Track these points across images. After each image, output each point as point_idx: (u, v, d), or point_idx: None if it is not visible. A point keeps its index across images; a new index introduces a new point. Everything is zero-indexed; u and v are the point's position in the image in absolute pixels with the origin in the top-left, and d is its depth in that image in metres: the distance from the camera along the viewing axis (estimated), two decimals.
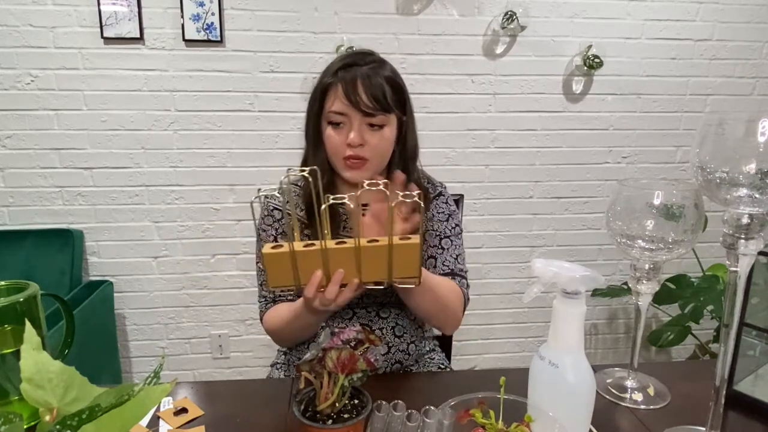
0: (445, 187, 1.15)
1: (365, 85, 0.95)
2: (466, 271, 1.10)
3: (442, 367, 1.17)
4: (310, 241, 0.79)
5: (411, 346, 1.08)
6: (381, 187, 0.75)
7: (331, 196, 0.76)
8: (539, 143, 2.21)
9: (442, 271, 1.07)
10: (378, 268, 0.80)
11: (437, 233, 1.09)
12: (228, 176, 2.09)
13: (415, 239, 0.79)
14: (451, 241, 1.09)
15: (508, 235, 2.30)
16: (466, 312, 1.10)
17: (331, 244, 0.77)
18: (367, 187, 0.76)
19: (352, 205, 0.74)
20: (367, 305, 1.06)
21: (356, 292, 0.83)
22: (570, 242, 2.33)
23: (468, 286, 1.09)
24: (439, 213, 1.10)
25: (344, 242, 0.78)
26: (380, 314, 1.06)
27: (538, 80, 2.15)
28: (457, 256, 1.09)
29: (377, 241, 0.78)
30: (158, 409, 0.82)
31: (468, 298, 1.07)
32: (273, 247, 0.78)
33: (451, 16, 2.06)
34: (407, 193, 0.76)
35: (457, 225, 1.12)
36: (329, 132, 0.98)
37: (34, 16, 1.88)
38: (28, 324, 0.47)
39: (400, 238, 0.79)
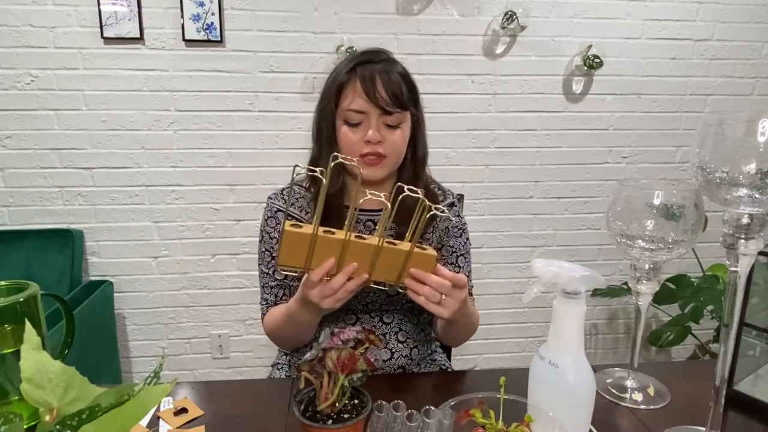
0: (455, 196, 1.15)
1: (384, 81, 0.95)
2: (471, 289, 1.11)
3: (444, 368, 1.17)
4: (329, 229, 0.78)
5: (414, 350, 1.08)
6: (419, 194, 0.77)
7: (368, 191, 0.78)
8: (539, 143, 2.21)
9: None
10: (390, 270, 0.81)
11: (453, 250, 1.09)
12: (228, 176, 2.09)
13: (432, 252, 0.81)
14: (465, 258, 1.10)
15: (508, 235, 2.30)
16: None
17: (351, 236, 0.77)
18: (407, 192, 0.77)
19: (387, 203, 0.76)
20: (371, 311, 1.05)
21: (359, 287, 0.82)
22: (570, 242, 2.33)
23: (472, 297, 1.10)
24: (453, 227, 1.10)
25: (364, 238, 0.79)
26: (384, 320, 1.06)
27: (538, 80, 2.15)
28: (469, 273, 1.10)
29: (395, 244, 0.79)
30: (158, 409, 0.82)
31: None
32: (293, 225, 0.77)
33: (451, 16, 2.06)
34: (411, 188, 0.78)
35: (467, 239, 1.12)
36: (345, 130, 0.97)
37: (34, 16, 1.88)
38: (28, 324, 0.47)
39: (418, 247, 0.80)
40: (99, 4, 1.88)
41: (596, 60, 2.08)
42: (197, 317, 2.21)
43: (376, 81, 0.94)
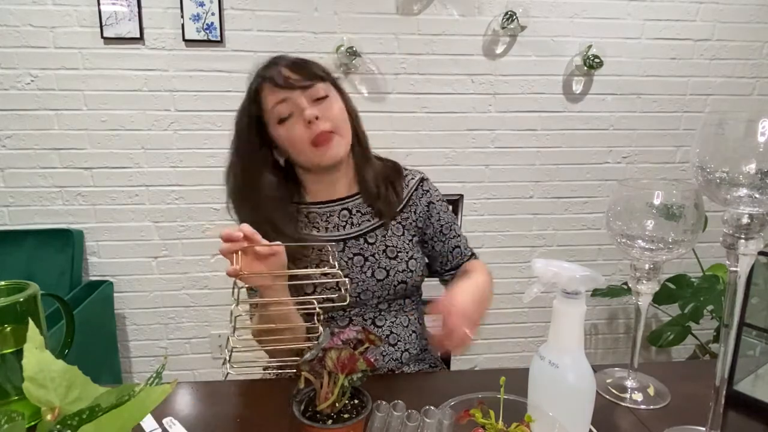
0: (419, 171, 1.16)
1: (287, 66, 0.98)
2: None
3: (434, 367, 1.16)
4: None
5: (404, 354, 1.08)
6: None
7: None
8: (539, 143, 2.21)
9: (466, 255, 1.15)
10: None
11: (447, 223, 1.12)
12: None
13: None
14: (449, 227, 1.14)
15: (508, 235, 2.30)
16: None
17: None
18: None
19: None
20: (363, 313, 1.05)
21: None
22: (570, 242, 2.33)
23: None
24: (437, 201, 1.12)
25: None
26: (376, 323, 1.06)
27: (538, 80, 2.15)
28: (459, 236, 1.16)
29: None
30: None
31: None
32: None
33: (451, 16, 2.06)
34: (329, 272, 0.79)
35: (448, 209, 1.16)
36: (283, 131, 0.97)
37: (34, 16, 1.88)
38: (31, 323, 0.47)
39: None
40: (99, 4, 1.88)
41: (596, 60, 2.08)
42: (197, 317, 2.21)
43: (280, 69, 0.97)
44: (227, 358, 0.74)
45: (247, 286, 0.90)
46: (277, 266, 0.85)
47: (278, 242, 0.84)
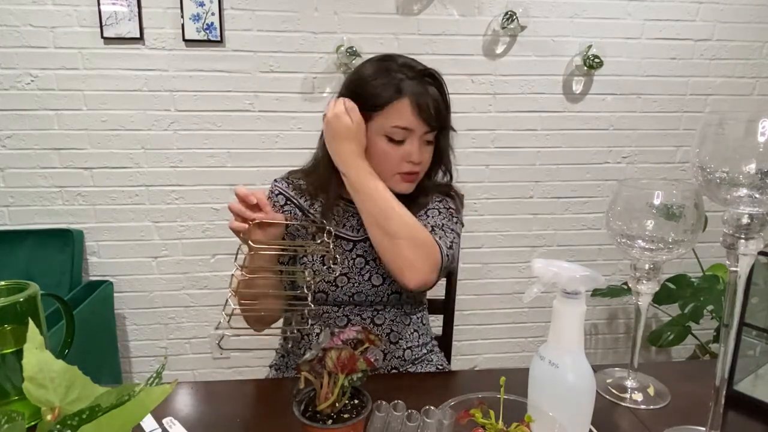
0: (454, 195, 1.17)
1: (436, 101, 0.96)
2: (449, 248, 1.00)
3: (441, 367, 1.17)
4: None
5: (407, 351, 1.08)
6: None
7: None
8: (539, 143, 2.21)
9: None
10: None
11: (437, 225, 1.04)
12: (228, 176, 2.09)
13: None
14: (445, 229, 1.04)
15: (508, 235, 2.29)
16: (467, 312, 1.11)
17: None
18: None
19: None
20: (361, 312, 1.05)
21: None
22: (570, 242, 2.33)
23: (448, 248, 0.99)
24: (435, 205, 1.09)
25: None
26: (375, 321, 1.06)
27: (538, 80, 2.15)
28: (443, 231, 1.04)
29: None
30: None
31: (446, 257, 0.98)
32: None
33: (451, 16, 2.06)
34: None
35: (450, 218, 1.07)
36: (386, 147, 0.96)
37: (34, 16, 1.88)
38: (31, 323, 0.47)
39: None
40: (99, 4, 1.88)
41: (596, 60, 2.08)
42: (197, 317, 2.21)
43: (430, 99, 0.95)
44: (225, 320, 0.79)
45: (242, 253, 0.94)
46: (275, 236, 0.93)
47: (281, 218, 0.93)
